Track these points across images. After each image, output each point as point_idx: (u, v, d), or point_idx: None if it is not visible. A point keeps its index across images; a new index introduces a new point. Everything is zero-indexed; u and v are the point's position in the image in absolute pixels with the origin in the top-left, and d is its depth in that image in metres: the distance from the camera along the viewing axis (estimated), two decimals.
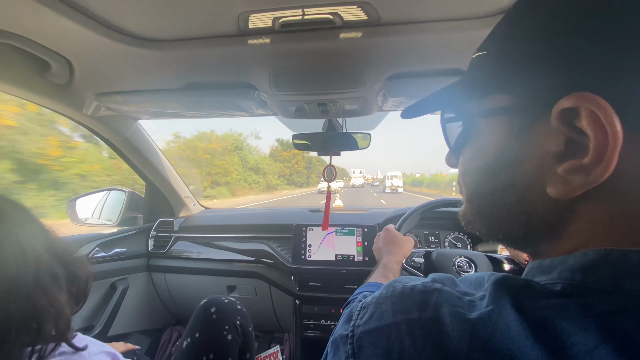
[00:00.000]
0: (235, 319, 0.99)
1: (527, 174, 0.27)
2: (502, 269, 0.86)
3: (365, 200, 21.77)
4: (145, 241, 1.54)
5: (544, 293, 0.24)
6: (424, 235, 1.38)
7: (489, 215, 0.31)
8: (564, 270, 0.25)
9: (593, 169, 0.22)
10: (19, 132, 6.25)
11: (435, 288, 0.28)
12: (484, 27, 0.63)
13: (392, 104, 0.99)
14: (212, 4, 0.59)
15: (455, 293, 0.28)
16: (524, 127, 0.26)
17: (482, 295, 0.27)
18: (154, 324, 1.62)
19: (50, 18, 0.61)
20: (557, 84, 0.24)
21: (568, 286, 0.24)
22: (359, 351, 0.28)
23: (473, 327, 0.23)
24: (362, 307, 0.31)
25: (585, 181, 0.23)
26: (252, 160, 33.81)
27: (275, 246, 1.41)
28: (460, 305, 0.26)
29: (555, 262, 0.26)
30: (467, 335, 0.23)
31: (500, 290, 0.25)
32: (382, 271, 0.77)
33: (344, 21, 0.65)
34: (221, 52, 0.75)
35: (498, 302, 0.24)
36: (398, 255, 0.85)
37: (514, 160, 0.27)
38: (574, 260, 0.24)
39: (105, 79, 0.90)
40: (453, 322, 0.24)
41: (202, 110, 1.04)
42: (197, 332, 0.94)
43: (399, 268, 0.81)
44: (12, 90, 0.85)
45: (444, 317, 0.25)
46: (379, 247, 0.91)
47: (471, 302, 0.26)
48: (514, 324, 0.22)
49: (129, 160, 1.39)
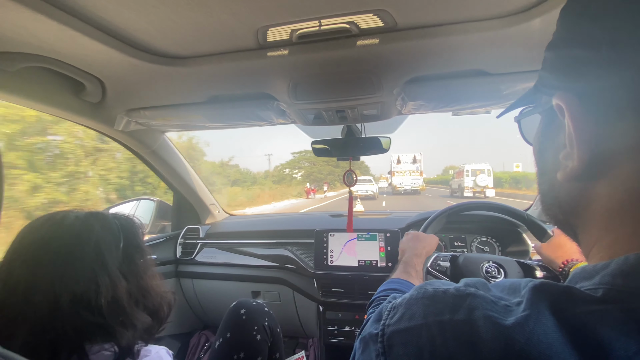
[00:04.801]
0: (263, 320, 1.02)
1: (549, 162, 0.31)
2: (534, 275, 0.81)
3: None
4: (174, 248, 1.60)
5: (584, 299, 0.23)
6: (450, 240, 1.34)
7: (542, 202, 0.35)
8: (605, 275, 0.24)
9: (572, 156, 0.26)
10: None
11: (469, 292, 0.28)
12: (504, 26, 0.62)
13: (411, 107, 0.98)
14: (232, 21, 0.62)
15: (489, 297, 0.27)
16: (549, 122, 0.32)
17: (518, 300, 0.26)
18: (183, 329, 1.68)
19: (84, 42, 0.66)
20: (557, 84, 0.28)
21: (609, 291, 0.23)
22: (389, 350, 0.28)
23: (509, 332, 0.23)
24: (393, 308, 0.31)
25: (572, 166, 0.27)
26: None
27: (297, 252, 1.42)
28: (495, 310, 0.26)
29: (597, 267, 0.25)
30: (501, 339, 0.23)
31: (539, 296, 0.25)
32: (403, 267, 0.77)
33: (361, 29, 0.65)
34: (242, 66, 0.77)
35: (536, 307, 0.24)
36: (418, 249, 0.85)
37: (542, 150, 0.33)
38: (616, 265, 0.23)
39: (134, 96, 0.96)
40: (487, 325, 0.24)
41: (224, 122, 1.08)
42: (228, 332, 0.98)
43: (421, 262, 0.81)
44: (50, 110, 0.91)
45: (477, 320, 0.25)
46: (402, 248, 0.91)
47: (507, 306, 0.26)
48: (552, 330, 0.22)
49: (157, 171, 1.46)
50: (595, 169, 0.26)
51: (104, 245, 0.56)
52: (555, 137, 0.30)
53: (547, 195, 0.33)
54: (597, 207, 0.27)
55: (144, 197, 1.71)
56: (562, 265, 0.77)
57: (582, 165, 0.26)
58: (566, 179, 0.28)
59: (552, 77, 0.29)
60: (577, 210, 0.29)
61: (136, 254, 0.61)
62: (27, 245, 0.52)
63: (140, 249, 0.62)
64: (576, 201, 0.29)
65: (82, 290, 0.50)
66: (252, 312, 1.02)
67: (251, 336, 0.97)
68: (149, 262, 0.64)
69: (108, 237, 0.57)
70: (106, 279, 0.53)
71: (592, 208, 0.28)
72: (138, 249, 0.62)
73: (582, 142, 0.26)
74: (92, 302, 0.50)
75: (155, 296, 0.62)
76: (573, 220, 0.30)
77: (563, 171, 0.28)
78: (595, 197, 0.27)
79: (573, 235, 0.32)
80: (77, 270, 0.51)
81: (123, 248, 0.59)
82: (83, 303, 0.50)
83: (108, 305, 0.52)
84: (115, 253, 0.57)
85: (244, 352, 0.94)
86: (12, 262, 0.51)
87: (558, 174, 0.29)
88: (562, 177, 0.28)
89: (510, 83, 0.81)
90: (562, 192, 0.30)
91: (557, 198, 0.31)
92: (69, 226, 0.55)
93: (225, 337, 0.97)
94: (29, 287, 0.49)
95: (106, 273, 0.53)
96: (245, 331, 0.98)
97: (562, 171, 0.28)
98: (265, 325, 1.02)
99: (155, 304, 0.62)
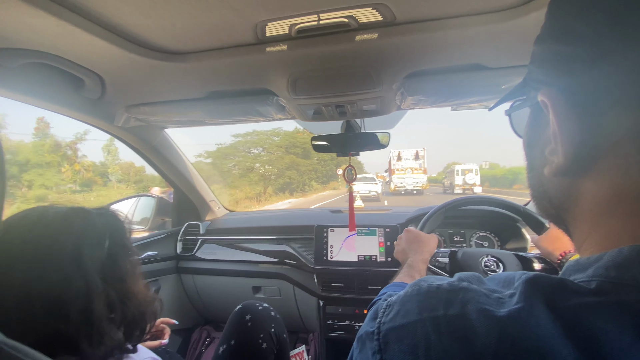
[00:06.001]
0: (270, 327, 0.99)
1: (537, 157, 0.31)
2: (532, 268, 0.82)
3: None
4: (174, 244, 1.61)
5: (578, 291, 0.24)
6: (449, 235, 1.35)
7: (532, 196, 0.35)
8: (599, 267, 0.24)
9: (557, 152, 0.27)
10: None
11: (462, 287, 0.28)
12: (503, 20, 0.62)
13: (410, 102, 0.98)
14: (231, 15, 0.62)
15: (482, 290, 0.28)
16: (536, 116, 0.32)
17: (511, 292, 0.26)
18: (184, 324, 1.69)
19: (83, 38, 0.66)
20: (543, 79, 0.29)
21: (603, 283, 0.23)
22: (385, 347, 0.28)
23: (502, 324, 0.23)
24: (388, 305, 0.32)
25: (557, 162, 0.27)
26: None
27: (297, 247, 1.43)
28: (488, 303, 0.26)
29: (591, 260, 0.25)
30: (495, 331, 0.23)
31: (532, 288, 0.25)
32: (408, 271, 0.75)
33: (360, 23, 0.65)
34: (241, 61, 0.77)
35: (529, 300, 0.24)
36: (423, 253, 0.82)
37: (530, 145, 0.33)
38: (609, 257, 0.24)
39: (134, 92, 0.96)
40: (480, 319, 0.24)
41: (224, 118, 1.08)
42: (233, 339, 0.95)
43: (425, 267, 0.80)
44: (50, 106, 0.91)
45: (470, 313, 0.25)
46: (402, 248, 0.89)
47: (499, 299, 0.26)
48: (545, 321, 0.22)
49: (157, 167, 1.46)
50: (580, 164, 0.26)
51: (85, 245, 0.51)
52: (542, 132, 0.30)
53: (537, 189, 0.33)
54: (586, 202, 0.27)
55: (144, 194, 1.71)
56: (560, 257, 0.78)
57: (566, 162, 0.26)
58: (553, 174, 0.28)
59: (538, 71, 0.29)
60: (567, 205, 0.30)
61: (122, 253, 0.56)
62: (2, 244, 0.47)
63: (126, 248, 0.58)
64: (565, 196, 0.29)
65: (55, 295, 0.45)
66: (258, 318, 0.99)
67: (257, 345, 0.94)
68: (134, 263, 0.59)
69: (90, 236, 0.53)
70: (82, 285, 0.47)
71: (580, 204, 0.28)
72: (124, 248, 0.57)
73: (565, 138, 0.26)
74: (64, 308, 0.45)
75: (137, 303, 0.56)
76: (564, 215, 0.31)
77: (549, 166, 0.28)
78: (583, 192, 0.27)
79: (565, 229, 0.33)
80: (52, 272, 0.46)
81: (108, 247, 0.54)
82: (55, 309, 0.45)
83: (78, 315, 0.46)
84: (98, 253, 0.52)
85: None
86: None
87: (545, 169, 0.29)
88: (549, 172, 0.28)
89: (509, 77, 0.81)
90: (550, 187, 0.31)
91: (546, 193, 0.31)
92: (46, 224, 0.50)
93: (229, 343, 0.94)
94: (2, 288, 0.44)
95: (83, 278, 0.48)
96: (250, 339, 0.95)
97: (548, 166, 0.28)
98: (272, 332, 0.98)
99: (137, 311, 0.56)
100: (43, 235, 0.49)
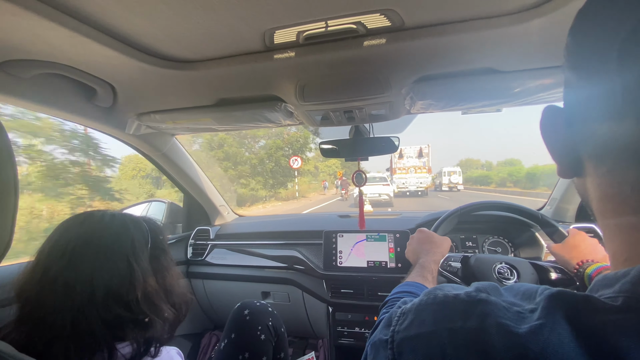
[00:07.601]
0: (267, 320, 1.03)
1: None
2: (548, 277, 0.79)
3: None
4: (185, 249, 1.62)
5: (603, 308, 0.23)
6: (461, 240, 1.32)
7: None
8: (625, 283, 0.23)
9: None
10: None
11: (481, 298, 0.28)
12: (514, 23, 0.60)
13: (420, 106, 0.97)
14: (240, 24, 0.62)
15: (502, 303, 0.27)
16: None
17: (532, 307, 0.26)
18: (194, 329, 1.70)
19: (95, 49, 0.68)
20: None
21: (629, 300, 0.22)
22: (399, 357, 0.28)
23: (522, 341, 0.23)
24: (402, 313, 0.31)
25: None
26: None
27: (306, 252, 1.43)
28: (507, 317, 0.25)
29: (618, 275, 0.24)
30: (515, 348, 0.23)
31: (555, 305, 0.24)
32: (420, 271, 0.74)
33: (368, 29, 0.65)
34: (249, 68, 0.78)
35: (551, 316, 0.23)
36: (436, 254, 0.81)
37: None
38: (636, 272, 0.23)
39: (145, 100, 0.97)
40: (499, 334, 0.24)
41: (233, 124, 1.09)
42: (233, 333, 0.99)
43: (437, 268, 0.78)
44: (64, 115, 0.94)
45: (489, 327, 0.24)
46: (413, 248, 0.87)
47: (519, 313, 0.25)
48: (567, 339, 0.22)
49: (168, 173, 1.48)
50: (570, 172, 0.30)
51: (137, 244, 0.60)
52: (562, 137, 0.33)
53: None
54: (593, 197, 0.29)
55: (155, 199, 1.74)
56: (577, 267, 0.75)
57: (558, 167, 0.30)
58: (559, 174, 0.31)
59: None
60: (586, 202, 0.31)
61: (161, 254, 0.65)
62: (67, 241, 0.55)
63: (164, 250, 0.67)
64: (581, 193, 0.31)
65: (117, 286, 0.54)
66: (255, 312, 1.03)
67: (255, 336, 0.98)
68: (171, 263, 0.68)
69: (140, 237, 0.61)
70: (139, 276, 0.57)
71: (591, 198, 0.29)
72: (163, 250, 0.66)
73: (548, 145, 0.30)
74: (123, 297, 0.54)
75: (177, 295, 0.66)
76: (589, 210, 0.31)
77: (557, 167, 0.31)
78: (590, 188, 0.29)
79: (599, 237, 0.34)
80: (114, 266, 0.55)
81: (150, 248, 0.63)
82: (115, 298, 0.53)
83: (140, 300, 0.55)
84: (146, 252, 0.61)
85: (249, 352, 0.95)
86: (51, 256, 0.53)
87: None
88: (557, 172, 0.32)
89: (522, 80, 0.79)
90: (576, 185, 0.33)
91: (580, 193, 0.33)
92: (108, 224, 0.59)
93: (230, 338, 0.98)
94: (69, 280, 0.51)
95: (140, 270, 0.57)
96: (249, 331, 0.99)
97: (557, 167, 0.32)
98: (269, 325, 1.02)
99: (177, 302, 0.66)
100: (106, 234, 0.57)
